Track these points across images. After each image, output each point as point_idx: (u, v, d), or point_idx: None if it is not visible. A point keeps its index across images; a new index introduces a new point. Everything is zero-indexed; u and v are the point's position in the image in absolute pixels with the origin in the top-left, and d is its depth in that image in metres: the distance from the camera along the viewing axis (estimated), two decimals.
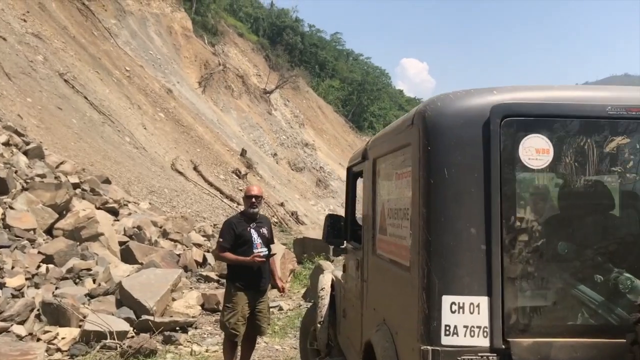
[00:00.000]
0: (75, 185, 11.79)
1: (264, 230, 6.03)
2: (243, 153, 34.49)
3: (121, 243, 10.66)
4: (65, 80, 23.33)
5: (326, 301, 5.47)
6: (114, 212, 12.05)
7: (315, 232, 13.08)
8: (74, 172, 12.74)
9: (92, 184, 12.57)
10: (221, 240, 5.85)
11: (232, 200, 25.72)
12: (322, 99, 62.67)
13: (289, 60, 57.80)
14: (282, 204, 30.57)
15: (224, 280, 9.91)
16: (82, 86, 24.29)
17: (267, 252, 5.97)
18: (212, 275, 11.21)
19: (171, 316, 8.11)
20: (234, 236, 5.79)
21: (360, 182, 4.57)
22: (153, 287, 8.12)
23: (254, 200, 5.87)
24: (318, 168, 46.33)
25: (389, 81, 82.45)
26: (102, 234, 10.20)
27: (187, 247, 12.28)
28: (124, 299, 7.98)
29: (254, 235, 5.89)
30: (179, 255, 11.32)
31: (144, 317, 7.60)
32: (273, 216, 27.20)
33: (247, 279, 5.86)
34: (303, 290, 10.83)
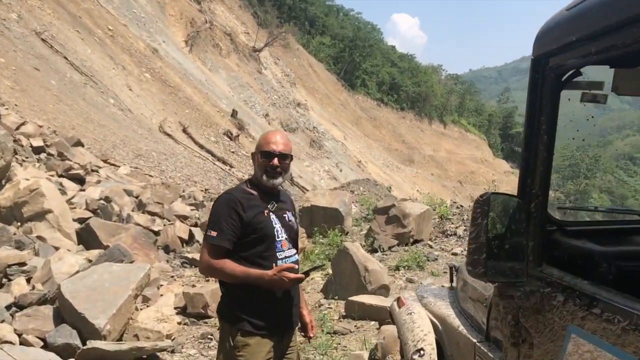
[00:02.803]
0: (39, 150, 10.52)
1: (290, 217, 3.12)
2: (234, 114, 33.41)
3: (82, 221, 8.36)
4: (43, 40, 21.98)
5: None
6: (80, 180, 10.32)
7: (325, 198, 11.18)
8: (38, 134, 11.39)
9: (60, 148, 11.08)
10: (213, 233, 2.86)
11: (224, 162, 24.79)
12: (313, 56, 61.12)
13: (277, 17, 55.94)
14: None
15: None
16: (61, 46, 22.95)
17: (297, 258, 3.07)
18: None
19: (136, 337, 5.52)
20: (239, 227, 2.86)
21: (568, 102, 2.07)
22: (107, 294, 5.37)
23: (276, 161, 2.97)
24: (311, 128, 45.31)
25: (381, 37, 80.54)
26: (49, 211, 7.73)
27: (169, 221, 10.07)
28: (65, 312, 5.25)
29: (277, 225, 2.99)
30: (157, 232, 9.28)
31: (91, 343, 4.85)
32: None
33: (268, 313, 2.93)
34: (319, 280, 8.34)
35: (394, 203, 10.34)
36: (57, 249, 6.95)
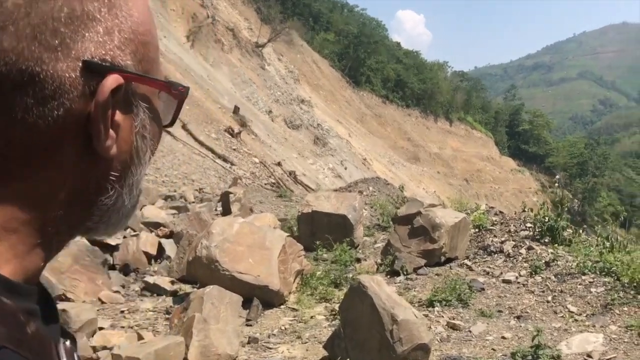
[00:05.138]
0: None
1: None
2: (236, 110, 32.62)
3: None
4: None
5: None
6: None
7: (330, 203, 8.99)
8: None
9: None
10: None
11: (225, 160, 24.00)
12: (317, 53, 60.31)
13: (281, 12, 55.13)
14: (279, 164, 28.93)
15: (187, 291, 6.36)
16: None
17: None
18: (166, 281, 6.84)
19: None
20: None
21: None
22: None
23: None
24: (315, 125, 44.53)
25: (386, 33, 79.62)
26: None
27: (134, 231, 8.26)
28: None
29: None
30: (113, 247, 7.41)
31: None
32: (270, 177, 25.55)
33: None
34: (323, 322, 6.00)
35: (420, 210, 8.23)
36: None
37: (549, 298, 6.76)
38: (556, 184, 57.46)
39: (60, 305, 4.92)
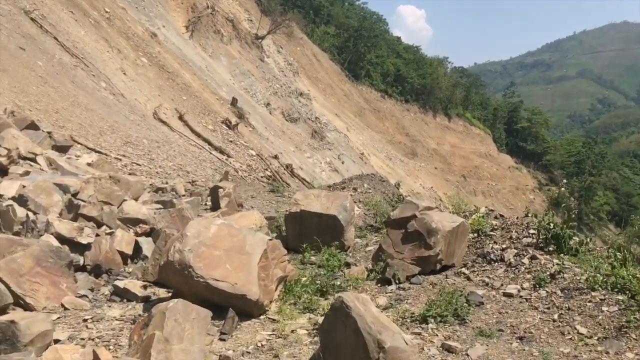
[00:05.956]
0: None
1: None
2: (234, 102, 32.42)
3: None
4: (32, 19, 20.92)
5: None
6: (3, 171, 8.42)
7: (320, 202, 8.49)
8: None
9: (3, 129, 9.40)
10: None
11: (221, 152, 23.83)
12: (317, 46, 59.96)
13: (281, 4, 54.76)
14: (276, 157, 28.79)
15: (161, 296, 6.02)
16: (52, 26, 21.90)
17: None
18: (137, 285, 6.25)
19: None
20: None
21: None
22: None
23: None
24: (313, 119, 44.32)
25: (387, 28, 79.16)
26: None
27: (109, 228, 7.53)
28: None
29: None
30: (85, 246, 6.83)
31: None
32: (266, 169, 25.39)
33: None
34: (304, 335, 5.53)
35: (415, 213, 7.53)
36: None
37: (555, 316, 6.06)
38: (562, 188, 56.66)
39: (10, 316, 4.59)
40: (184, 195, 10.95)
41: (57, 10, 24.18)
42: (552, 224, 7.63)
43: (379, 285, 6.97)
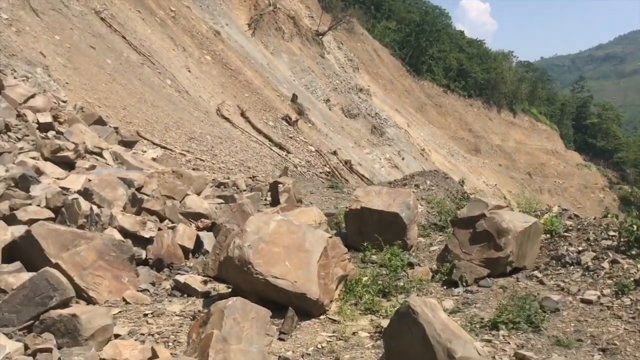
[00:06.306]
0: (47, 127, 9.27)
1: None
2: (294, 99, 32.58)
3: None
4: (102, 19, 21.67)
5: None
6: (70, 165, 8.49)
7: (381, 199, 8.12)
8: (48, 109, 10.03)
9: (72, 124, 9.76)
10: None
11: (281, 148, 23.99)
12: (377, 41, 59.48)
13: (342, 0, 54.59)
14: (334, 153, 28.72)
15: (221, 292, 5.95)
16: (120, 25, 22.61)
17: None
18: (198, 280, 6.22)
19: None
20: None
21: None
22: None
23: None
24: (373, 114, 44.01)
25: (449, 22, 77.68)
26: None
27: (171, 222, 7.61)
28: None
29: None
30: (147, 239, 6.88)
31: None
32: (325, 165, 25.38)
33: None
34: (366, 337, 5.25)
35: (484, 212, 7.14)
36: None
37: None
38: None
39: (72, 310, 4.62)
40: (244, 190, 11.05)
41: (125, 9, 24.96)
42: (635, 226, 6.98)
43: (444, 287, 6.63)
